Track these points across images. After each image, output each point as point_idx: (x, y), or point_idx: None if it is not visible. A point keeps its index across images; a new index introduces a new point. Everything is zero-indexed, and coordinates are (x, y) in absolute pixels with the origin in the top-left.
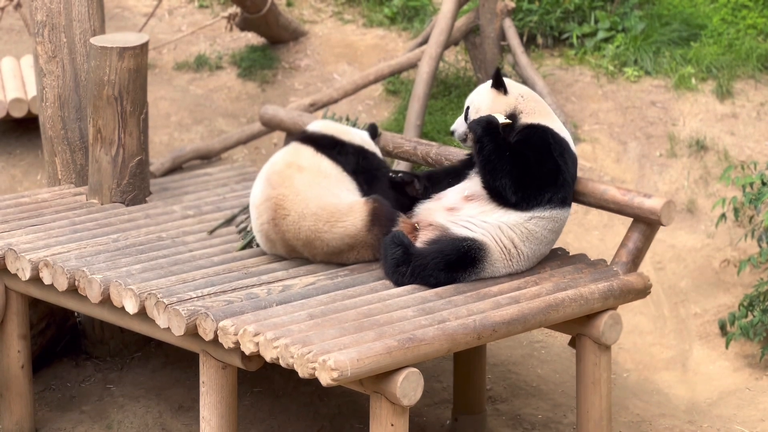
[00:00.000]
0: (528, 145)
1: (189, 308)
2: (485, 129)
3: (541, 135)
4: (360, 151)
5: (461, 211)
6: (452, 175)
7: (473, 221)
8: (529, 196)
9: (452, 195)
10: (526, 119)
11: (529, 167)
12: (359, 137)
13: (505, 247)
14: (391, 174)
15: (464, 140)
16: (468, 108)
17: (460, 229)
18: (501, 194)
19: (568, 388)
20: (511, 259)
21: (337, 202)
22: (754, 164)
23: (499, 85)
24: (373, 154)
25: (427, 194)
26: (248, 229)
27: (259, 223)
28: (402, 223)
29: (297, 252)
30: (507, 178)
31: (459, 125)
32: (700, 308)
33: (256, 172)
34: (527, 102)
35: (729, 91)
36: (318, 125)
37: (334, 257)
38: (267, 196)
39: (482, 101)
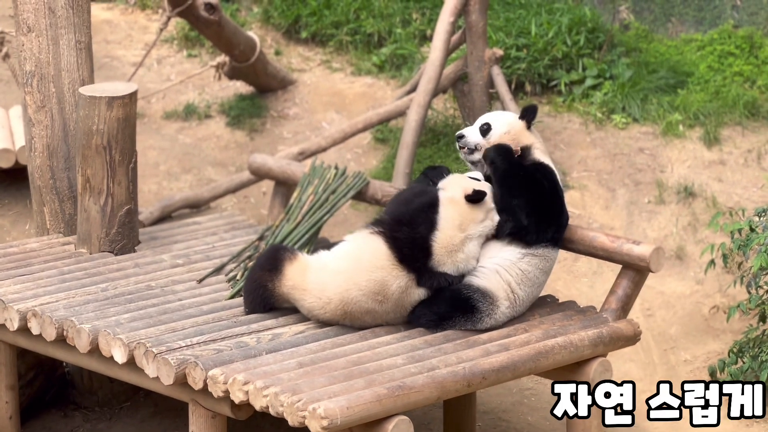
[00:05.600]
0: (542, 174)
1: (178, 357)
2: (505, 153)
3: (550, 173)
4: None
5: None
6: None
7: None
8: (539, 223)
9: None
10: (537, 156)
11: (544, 191)
12: None
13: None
14: None
15: (471, 151)
16: (488, 124)
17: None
18: (515, 214)
19: None
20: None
21: None
22: (742, 210)
23: (530, 121)
24: None
25: None
26: (237, 278)
27: None
28: None
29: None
30: (523, 196)
31: (472, 134)
32: (690, 355)
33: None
34: (541, 144)
35: (716, 137)
36: None
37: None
38: None
39: (511, 128)
